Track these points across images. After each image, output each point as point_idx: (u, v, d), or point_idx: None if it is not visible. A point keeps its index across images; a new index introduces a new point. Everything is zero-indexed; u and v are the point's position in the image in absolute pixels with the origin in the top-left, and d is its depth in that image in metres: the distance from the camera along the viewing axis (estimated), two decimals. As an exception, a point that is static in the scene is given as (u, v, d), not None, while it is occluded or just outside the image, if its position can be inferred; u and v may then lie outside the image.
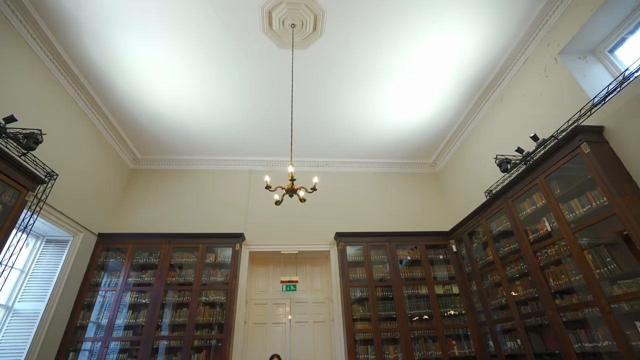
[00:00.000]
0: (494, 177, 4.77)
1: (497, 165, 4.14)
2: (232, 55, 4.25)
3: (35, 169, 3.66)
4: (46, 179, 3.79)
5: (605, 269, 2.98)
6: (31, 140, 3.20)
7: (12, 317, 3.97)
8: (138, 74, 4.45)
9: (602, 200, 3.02)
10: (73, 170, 4.56)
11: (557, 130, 3.64)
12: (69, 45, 4.06)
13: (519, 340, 4.01)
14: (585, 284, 3.12)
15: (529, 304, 3.93)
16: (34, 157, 3.64)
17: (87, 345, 4.63)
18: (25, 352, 3.85)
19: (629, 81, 2.95)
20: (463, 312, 5.11)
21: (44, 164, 3.79)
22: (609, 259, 2.96)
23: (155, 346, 4.63)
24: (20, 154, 3.47)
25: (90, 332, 4.70)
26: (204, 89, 4.73)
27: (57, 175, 3.96)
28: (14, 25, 3.60)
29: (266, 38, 4.07)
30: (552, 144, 3.63)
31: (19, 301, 4.06)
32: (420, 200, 6.44)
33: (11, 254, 3.37)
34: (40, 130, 3.39)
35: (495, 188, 4.70)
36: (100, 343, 4.54)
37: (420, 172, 6.80)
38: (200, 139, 5.77)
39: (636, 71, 2.87)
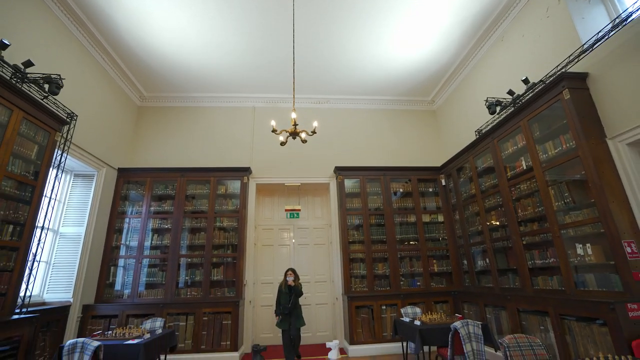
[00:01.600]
0: (486, 118, 5.03)
1: (487, 107, 4.39)
2: (231, -9, 4.18)
3: (57, 111, 3.96)
4: (68, 120, 4.12)
5: (562, 202, 3.50)
6: (54, 85, 3.45)
7: (60, 239, 4.68)
8: (139, 11, 4.43)
9: (571, 144, 3.39)
10: (87, 110, 4.83)
11: (546, 75, 3.83)
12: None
13: (487, 260, 4.77)
14: (545, 214, 3.67)
15: (499, 231, 4.58)
16: (55, 100, 3.91)
17: (122, 262, 5.48)
18: (77, 266, 4.66)
19: (624, 24, 3.01)
20: (445, 237, 5.86)
21: (65, 106, 4.08)
22: (566, 194, 3.45)
23: (179, 262, 5.47)
24: (42, 97, 3.75)
25: (123, 252, 5.52)
26: (204, 25, 4.72)
27: (76, 115, 4.28)
28: (9, -39, 3.54)
29: (266, -27, 3.97)
30: (539, 88, 3.84)
31: (62, 226, 4.74)
32: (416, 137, 6.78)
33: (52, 187, 3.89)
34: (59, 75, 3.60)
35: (485, 128, 5.00)
36: (134, 260, 5.38)
37: (417, 110, 7.00)
38: (203, 75, 5.87)
39: (636, 11, 2.89)
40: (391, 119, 6.87)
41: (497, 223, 4.63)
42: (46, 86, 3.57)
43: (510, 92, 4.28)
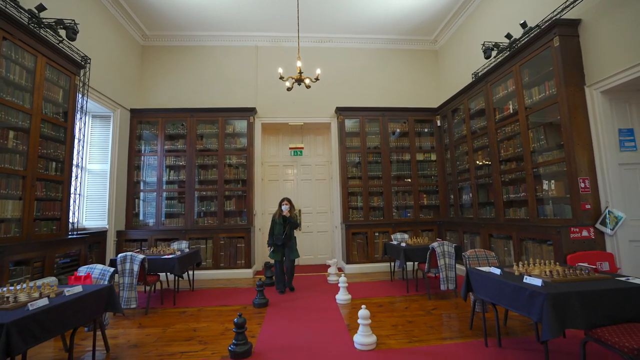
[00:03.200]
0: (485, 61, 5.16)
1: (483, 51, 4.53)
2: None
3: (72, 55, 4.17)
4: (83, 63, 4.35)
5: (538, 144, 3.92)
6: (70, 30, 3.62)
7: (89, 175, 5.23)
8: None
9: (553, 90, 3.69)
10: (96, 52, 4.95)
11: (542, 20, 3.93)
12: None
13: (470, 195, 5.36)
14: (523, 155, 4.12)
15: (483, 169, 5.08)
16: (69, 44, 4.09)
17: (144, 195, 6.11)
18: (107, 198, 5.28)
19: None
20: (436, 174, 6.41)
21: (78, 50, 4.27)
22: (542, 137, 3.86)
23: (195, 195, 6.11)
24: (57, 42, 3.93)
25: (143, 186, 6.12)
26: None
27: (90, 59, 4.48)
28: None
29: None
30: (534, 33, 3.97)
31: (89, 163, 5.24)
32: (416, 78, 6.90)
33: (79, 129, 4.29)
34: (74, 20, 3.74)
35: (482, 71, 5.17)
36: (155, 193, 6.01)
37: (419, 49, 6.98)
38: (204, 12, 5.80)
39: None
40: (392, 59, 6.90)
41: (482, 162, 5.11)
42: (62, 32, 3.73)
43: (508, 36, 4.40)
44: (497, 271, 2.43)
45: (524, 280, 2.12)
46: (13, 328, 1.58)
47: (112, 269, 2.82)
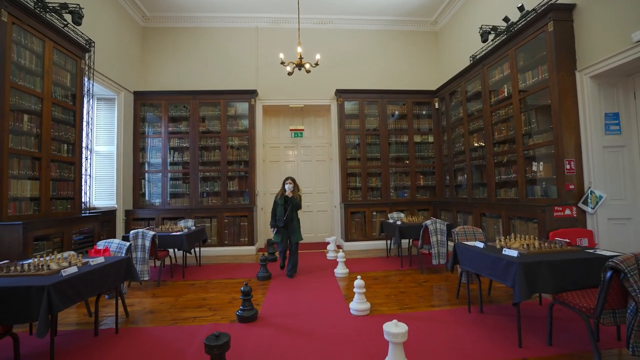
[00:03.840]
0: (483, 44, 5.21)
1: (480, 35, 4.60)
2: None
3: (77, 38, 4.26)
4: (87, 47, 4.44)
5: (529, 127, 4.08)
6: (76, 15, 3.71)
7: (96, 156, 5.41)
8: None
9: (545, 75, 3.81)
10: (98, 35, 5.00)
11: (539, 4, 3.99)
12: None
13: (465, 176, 5.55)
14: (515, 137, 4.28)
15: (478, 151, 5.25)
16: (74, 28, 4.18)
17: (149, 176, 6.31)
18: (115, 179, 5.49)
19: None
20: (433, 155, 6.58)
21: (82, 33, 4.35)
22: (533, 120, 4.01)
23: (199, 176, 6.31)
24: (62, 26, 4.01)
25: (148, 167, 6.31)
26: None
27: (94, 42, 4.57)
28: None
29: None
30: (531, 17, 4.04)
31: (96, 145, 5.42)
32: (415, 60, 6.95)
33: (87, 112, 4.44)
34: (78, 4, 3.82)
35: (480, 54, 5.24)
36: (160, 174, 6.22)
37: (419, 31, 6.98)
38: (204, -7, 5.81)
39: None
40: (393, 41, 6.92)
41: (477, 144, 5.27)
42: (66, 16, 3.82)
43: (506, 19, 4.45)
44: (481, 245, 2.66)
45: (503, 252, 2.35)
46: (52, 290, 1.82)
47: (128, 243, 3.07)
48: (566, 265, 2.11)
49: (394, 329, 1.80)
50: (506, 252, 2.34)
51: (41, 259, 2.30)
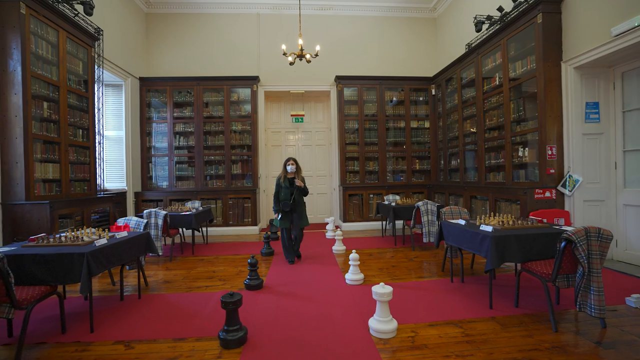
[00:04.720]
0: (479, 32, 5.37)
1: (474, 24, 4.76)
2: None
3: (87, 27, 4.44)
4: (97, 35, 4.63)
5: (517, 115, 4.32)
6: (87, 6, 3.89)
7: (107, 141, 5.67)
8: None
9: (533, 65, 4.02)
10: (104, 22, 5.17)
11: (530, -5, 4.15)
12: None
13: (458, 160, 5.82)
14: (504, 124, 4.53)
15: (470, 137, 5.50)
16: (84, 17, 4.35)
17: (156, 160, 6.59)
18: (124, 162, 5.78)
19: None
20: (428, 141, 6.83)
21: (91, 22, 4.53)
22: (521, 108, 4.25)
23: (204, 160, 6.59)
24: (73, 16, 4.19)
25: (155, 151, 6.58)
26: None
27: (102, 31, 4.75)
28: None
29: None
30: (523, 7, 4.21)
31: (106, 130, 5.66)
32: (414, 47, 7.08)
33: (99, 98, 4.68)
34: (89, -5, 3.99)
35: (474, 43, 5.41)
36: (167, 158, 6.49)
37: (418, 18, 7.08)
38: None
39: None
40: (391, 27, 7.03)
41: (470, 130, 5.52)
42: (77, 7, 3.99)
43: (500, 9, 4.61)
44: (463, 222, 2.97)
45: (480, 228, 2.66)
46: (90, 256, 2.13)
47: (144, 220, 3.39)
48: (532, 239, 2.42)
49: (381, 289, 2.13)
50: (483, 227, 2.64)
51: (72, 233, 2.61)
